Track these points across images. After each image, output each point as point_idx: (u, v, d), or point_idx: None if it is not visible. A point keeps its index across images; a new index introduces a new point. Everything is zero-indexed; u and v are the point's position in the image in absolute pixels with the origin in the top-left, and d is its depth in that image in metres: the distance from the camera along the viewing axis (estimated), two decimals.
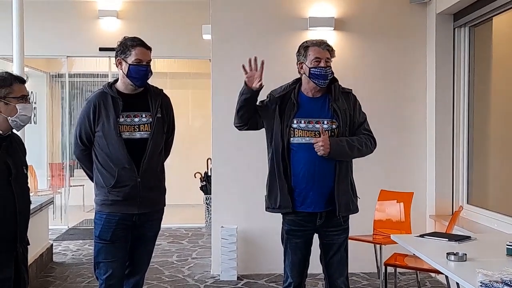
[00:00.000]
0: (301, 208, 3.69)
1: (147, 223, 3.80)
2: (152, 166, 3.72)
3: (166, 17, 9.10)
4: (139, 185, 3.66)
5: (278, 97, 3.76)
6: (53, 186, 10.18)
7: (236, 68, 6.18)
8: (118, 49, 3.70)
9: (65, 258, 7.03)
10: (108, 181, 3.66)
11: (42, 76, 10.96)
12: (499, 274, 2.66)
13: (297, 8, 6.21)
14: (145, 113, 3.71)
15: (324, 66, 3.67)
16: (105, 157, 3.66)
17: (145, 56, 3.68)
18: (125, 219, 3.69)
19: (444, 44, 6.04)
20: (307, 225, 3.73)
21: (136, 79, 3.67)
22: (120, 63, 3.68)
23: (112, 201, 3.67)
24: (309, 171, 3.64)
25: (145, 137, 3.68)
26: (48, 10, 9.00)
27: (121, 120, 3.65)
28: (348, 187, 3.72)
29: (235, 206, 6.20)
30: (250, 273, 6.13)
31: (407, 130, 6.31)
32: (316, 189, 3.65)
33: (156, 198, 3.82)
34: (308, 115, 3.71)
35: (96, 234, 3.74)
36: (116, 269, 3.72)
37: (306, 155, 3.65)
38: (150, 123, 3.70)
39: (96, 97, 3.71)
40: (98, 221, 3.73)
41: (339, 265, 3.77)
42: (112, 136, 3.62)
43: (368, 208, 5.59)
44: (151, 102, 3.73)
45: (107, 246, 3.70)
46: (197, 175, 9.52)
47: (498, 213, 5.20)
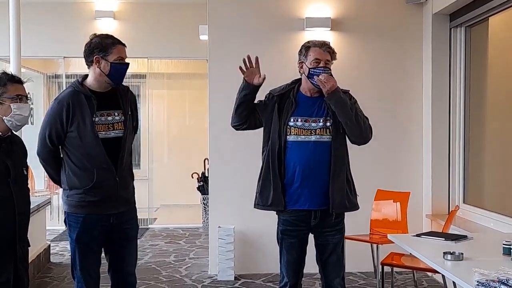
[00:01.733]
0: (296, 206, 3.69)
1: (126, 223, 3.74)
2: (127, 164, 3.70)
3: (162, 18, 9.09)
4: (118, 184, 3.62)
5: (277, 96, 3.78)
6: (51, 186, 10.14)
7: (233, 69, 6.19)
8: (94, 47, 3.58)
9: (62, 258, 7.02)
10: (85, 182, 3.57)
11: (39, 77, 10.93)
12: (496, 273, 2.67)
13: (294, 9, 6.22)
14: (117, 111, 3.65)
15: (322, 66, 3.69)
16: (81, 158, 3.58)
17: (124, 53, 3.64)
18: (102, 220, 3.63)
19: (440, 44, 6.06)
20: (302, 225, 3.74)
21: (117, 78, 3.61)
22: (98, 61, 3.57)
23: (88, 202, 3.58)
24: (304, 169, 3.65)
25: (120, 135, 3.64)
26: (45, 11, 8.99)
27: (96, 120, 3.57)
28: (344, 184, 3.71)
29: (232, 206, 6.21)
30: (247, 273, 6.14)
31: (403, 130, 6.33)
32: (311, 186, 3.66)
33: (130, 196, 3.79)
34: (305, 114, 3.73)
35: (73, 237, 3.63)
36: (93, 271, 3.68)
37: (300, 153, 3.67)
38: (123, 121, 3.65)
39: (68, 97, 3.59)
40: (74, 224, 3.63)
41: (335, 266, 3.77)
42: (90, 137, 3.54)
43: (365, 208, 5.60)
44: (121, 100, 3.69)
45: (85, 249, 3.64)
46: (194, 175, 9.51)
47: (494, 212, 5.22)
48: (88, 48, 3.61)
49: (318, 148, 3.66)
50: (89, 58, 3.61)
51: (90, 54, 3.60)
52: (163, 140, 11.18)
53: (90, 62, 3.62)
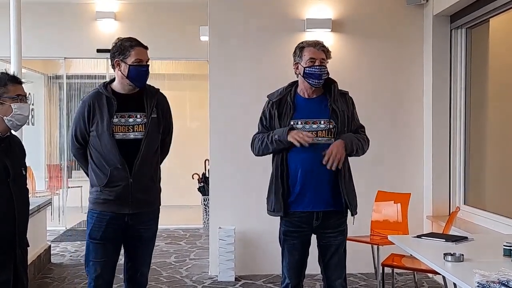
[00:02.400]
0: (299, 208, 3.70)
1: (142, 225, 3.77)
2: (145, 166, 3.70)
3: (163, 19, 9.11)
4: (131, 186, 3.64)
5: (275, 102, 3.78)
6: (51, 187, 10.18)
7: (233, 70, 6.26)
8: (115, 51, 3.66)
9: (63, 259, 7.03)
10: (101, 180, 3.66)
11: (40, 77, 10.96)
12: (496, 275, 2.67)
13: (295, 10, 6.22)
14: (139, 113, 3.69)
15: (318, 65, 3.68)
16: (99, 157, 3.66)
17: (144, 55, 3.68)
18: (116, 218, 3.67)
19: (441, 45, 6.06)
20: (304, 226, 3.74)
21: (137, 80, 3.66)
22: (118, 64, 3.65)
23: (104, 200, 3.66)
24: (306, 171, 3.66)
25: (139, 137, 3.66)
26: (46, 12, 9.00)
27: (115, 121, 3.63)
28: (352, 185, 3.78)
29: (232, 207, 6.21)
30: (248, 274, 6.14)
31: (404, 132, 6.32)
32: (313, 188, 3.66)
33: (149, 198, 3.79)
34: (305, 115, 3.72)
35: (88, 232, 3.74)
36: (104, 270, 3.70)
37: (302, 155, 3.66)
38: (144, 124, 3.68)
39: (90, 97, 3.70)
40: (90, 219, 3.73)
41: (337, 267, 3.78)
42: (105, 136, 3.61)
43: (366, 209, 5.61)
44: (147, 102, 3.72)
45: (97, 245, 3.69)
46: (195, 176, 9.52)
47: (495, 213, 5.22)
48: (111, 52, 3.70)
49: (319, 149, 3.65)
50: (112, 61, 3.70)
51: (112, 58, 3.70)
52: None
53: (113, 66, 3.70)
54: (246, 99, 6.11)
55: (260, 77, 6.15)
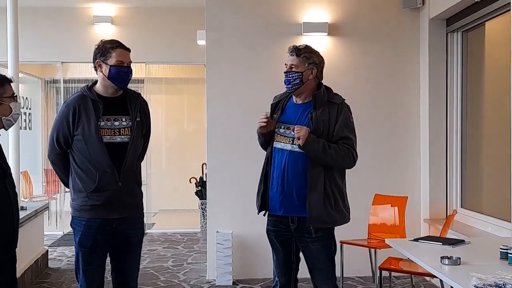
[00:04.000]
0: (272, 211, 3.75)
1: (130, 229, 3.75)
2: (132, 170, 3.71)
3: (160, 23, 9.11)
4: (120, 190, 3.63)
5: (273, 104, 3.85)
6: (48, 192, 10.15)
7: (230, 74, 6.26)
8: (96, 52, 3.66)
9: (60, 264, 7.02)
10: (88, 186, 3.61)
11: (37, 82, 10.94)
12: (493, 278, 2.68)
13: (291, 14, 6.24)
14: (124, 116, 3.68)
15: (286, 71, 3.68)
16: (85, 161, 3.61)
17: (125, 57, 3.67)
18: (105, 224, 3.65)
19: (437, 49, 6.07)
20: (281, 227, 3.75)
21: (118, 81, 3.64)
22: (99, 65, 3.64)
23: (91, 206, 3.62)
24: (281, 175, 3.68)
25: (126, 141, 3.65)
26: (43, 16, 9.00)
27: (102, 124, 3.61)
28: (321, 199, 3.58)
29: (230, 211, 6.21)
30: (246, 278, 6.14)
31: (401, 135, 6.34)
32: (285, 193, 3.67)
33: (136, 202, 3.80)
34: (287, 121, 3.74)
35: (76, 240, 3.69)
36: (97, 276, 3.70)
37: (280, 159, 3.70)
38: (130, 127, 3.67)
39: (75, 100, 3.65)
40: (78, 227, 3.68)
41: (322, 272, 3.73)
42: (93, 140, 3.58)
43: (363, 213, 5.62)
44: (130, 106, 3.72)
45: (87, 253, 3.67)
46: (192, 180, 9.52)
47: (491, 216, 5.22)
48: (93, 54, 3.69)
49: (292, 157, 3.65)
50: (93, 63, 3.69)
51: (94, 60, 3.69)
52: (161, 145, 11.17)
53: (95, 67, 3.69)
54: (243, 103, 6.11)
55: (257, 81, 6.16)
